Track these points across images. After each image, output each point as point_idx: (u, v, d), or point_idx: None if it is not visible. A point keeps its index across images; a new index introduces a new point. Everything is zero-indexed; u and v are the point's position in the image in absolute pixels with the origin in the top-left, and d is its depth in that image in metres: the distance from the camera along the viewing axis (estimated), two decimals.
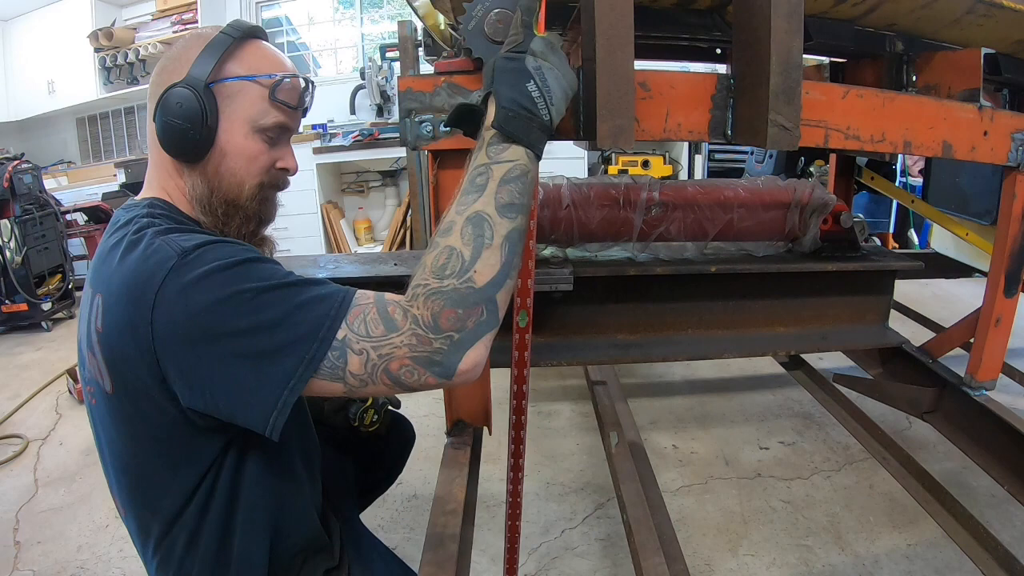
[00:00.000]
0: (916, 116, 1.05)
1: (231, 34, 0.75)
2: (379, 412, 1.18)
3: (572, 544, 1.62)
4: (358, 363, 0.62)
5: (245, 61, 0.75)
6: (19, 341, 3.41)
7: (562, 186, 1.60)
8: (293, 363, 0.62)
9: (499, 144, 0.67)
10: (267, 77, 0.75)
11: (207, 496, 0.75)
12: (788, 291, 1.65)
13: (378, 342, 0.62)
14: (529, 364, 0.93)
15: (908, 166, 3.70)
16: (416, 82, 0.94)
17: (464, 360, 0.62)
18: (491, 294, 0.63)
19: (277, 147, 0.79)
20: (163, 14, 4.45)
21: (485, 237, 0.63)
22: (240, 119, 0.75)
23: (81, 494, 1.91)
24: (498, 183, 0.65)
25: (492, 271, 0.63)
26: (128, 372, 0.67)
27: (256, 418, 0.63)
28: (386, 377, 0.62)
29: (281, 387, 0.62)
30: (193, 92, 0.71)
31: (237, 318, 0.62)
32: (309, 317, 0.62)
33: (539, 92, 0.68)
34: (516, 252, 0.65)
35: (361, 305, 0.64)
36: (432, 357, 0.62)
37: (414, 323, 0.61)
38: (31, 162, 3.59)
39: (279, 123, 0.77)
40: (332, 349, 0.62)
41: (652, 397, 2.41)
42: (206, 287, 0.62)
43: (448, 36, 1.49)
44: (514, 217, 0.65)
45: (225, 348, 0.62)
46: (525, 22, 0.71)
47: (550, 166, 3.64)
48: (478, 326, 0.62)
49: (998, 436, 1.31)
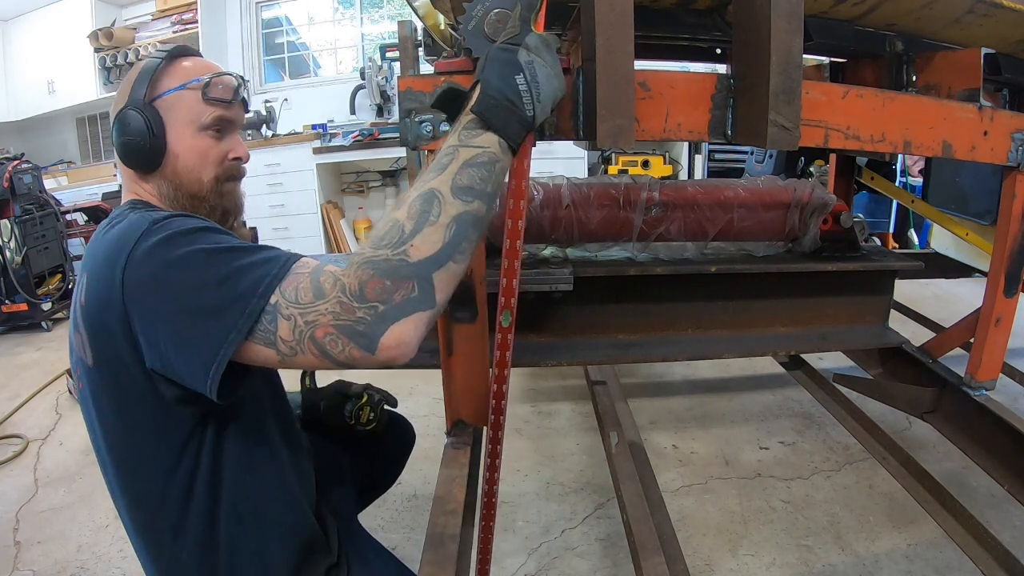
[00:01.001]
0: (916, 116, 1.05)
1: (159, 57, 0.84)
2: (375, 410, 1.18)
3: (572, 544, 1.62)
4: (287, 329, 0.62)
5: (176, 75, 0.83)
6: (19, 341, 3.41)
7: (562, 186, 1.60)
8: (232, 318, 0.63)
9: (474, 129, 0.68)
10: (196, 81, 0.83)
11: (190, 478, 0.77)
12: (788, 291, 1.65)
13: (305, 308, 0.62)
14: (511, 364, 0.93)
15: (908, 166, 3.70)
16: (416, 82, 0.94)
17: (387, 335, 0.60)
18: (425, 272, 0.61)
19: (225, 140, 0.86)
20: (163, 14, 4.45)
21: (431, 214, 0.63)
22: (183, 123, 0.82)
23: (81, 494, 1.91)
24: (461, 165, 0.65)
25: (431, 248, 0.62)
26: (106, 341, 0.71)
27: (197, 373, 0.65)
28: (313, 346, 0.62)
29: (220, 342, 0.63)
30: (136, 111, 0.81)
31: (189, 275, 0.65)
32: (251, 277, 0.64)
33: (527, 86, 0.68)
34: (465, 236, 0.64)
35: (298, 273, 0.64)
36: (355, 327, 0.60)
37: (341, 291, 0.61)
38: (31, 162, 3.59)
39: (218, 117, 0.84)
40: (265, 313, 0.63)
41: (652, 397, 2.41)
42: (167, 247, 0.67)
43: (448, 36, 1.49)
44: (469, 201, 0.64)
45: (176, 303, 0.65)
46: (524, 16, 0.71)
47: (550, 166, 3.66)
48: (406, 301, 0.61)
49: (998, 436, 1.31)
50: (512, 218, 0.84)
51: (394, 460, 1.33)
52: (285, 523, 0.87)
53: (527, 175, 0.82)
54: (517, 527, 1.68)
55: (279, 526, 0.86)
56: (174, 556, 0.79)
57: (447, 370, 1.24)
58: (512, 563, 1.55)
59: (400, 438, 1.33)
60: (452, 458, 1.21)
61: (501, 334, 0.90)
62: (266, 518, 0.84)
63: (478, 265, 1.17)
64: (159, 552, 0.80)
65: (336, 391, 1.20)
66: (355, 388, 1.20)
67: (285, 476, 0.88)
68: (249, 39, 4.70)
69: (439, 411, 1.47)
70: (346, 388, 1.20)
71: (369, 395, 1.19)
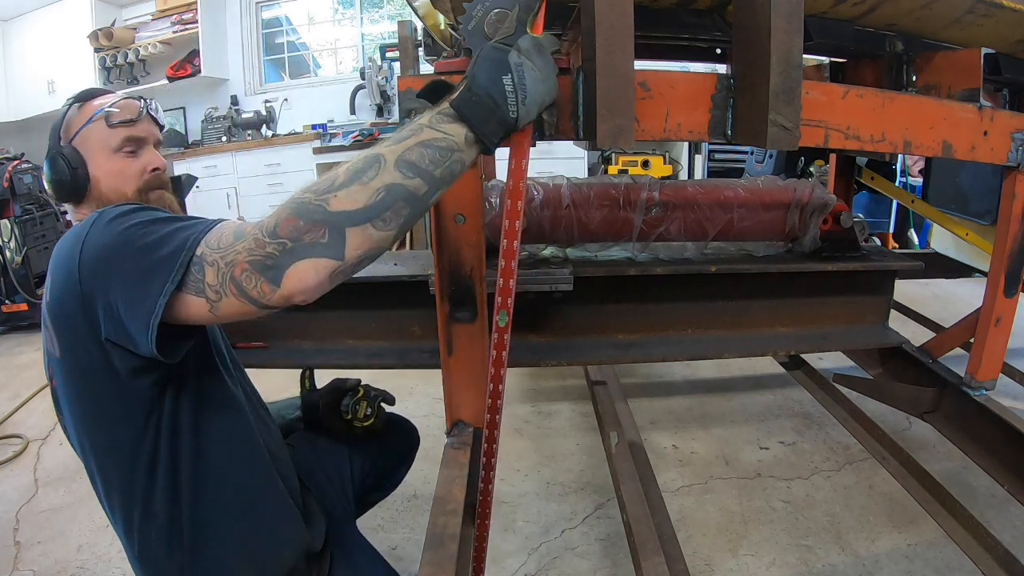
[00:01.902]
0: (916, 116, 1.05)
1: (68, 104, 0.93)
2: (372, 405, 1.19)
3: (572, 544, 1.61)
4: (212, 274, 0.66)
5: (84, 113, 0.92)
6: (19, 341, 3.41)
7: (562, 186, 1.60)
8: (166, 272, 0.67)
9: (446, 116, 0.69)
10: (99, 113, 0.91)
11: (151, 456, 0.81)
12: (788, 291, 1.65)
13: (226, 251, 0.66)
14: (507, 364, 0.93)
15: (908, 166, 3.70)
16: (416, 82, 0.94)
17: (291, 268, 0.63)
18: (340, 223, 0.63)
19: (140, 156, 0.92)
20: (163, 14, 4.46)
21: (366, 175, 0.64)
22: (97, 151, 0.90)
23: (81, 494, 1.91)
24: (418, 142, 0.67)
25: (352, 204, 0.63)
26: (68, 327, 0.76)
27: (140, 328, 0.68)
28: (232, 285, 0.65)
29: (156, 294, 0.67)
30: (57, 154, 0.90)
31: (131, 242, 0.71)
32: (183, 235, 0.69)
33: (513, 88, 0.69)
34: (392, 207, 0.65)
35: (223, 227, 0.69)
36: (264, 261, 0.63)
37: (259, 230, 0.64)
38: (31, 162, 3.58)
39: (126, 137, 0.90)
40: (193, 264, 0.67)
41: (652, 397, 2.40)
42: (112, 226, 0.73)
43: (448, 36, 1.50)
44: (410, 176, 0.65)
45: (122, 267, 0.70)
46: (520, 18, 0.72)
47: (550, 166, 3.66)
48: (314, 245, 0.63)
49: (998, 436, 1.31)
50: (509, 218, 0.84)
51: (398, 461, 1.33)
52: (253, 497, 0.90)
53: (525, 175, 0.82)
54: (517, 527, 1.68)
55: (245, 501, 0.89)
56: (144, 538, 0.83)
57: (447, 370, 1.24)
58: (512, 563, 1.55)
59: (404, 439, 1.34)
60: (452, 458, 1.20)
61: (497, 334, 0.90)
62: (229, 492, 0.87)
63: (478, 265, 1.17)
64: (130, 531, 0.84)
65: (333, 388, 1.20)
66: (351, 382, 1.21)
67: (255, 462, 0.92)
68: (249, 39, 4.71)
69: (439, 411, 1.47)
70: (342, 383, 1.21)
71: (366, 390, 1.20)
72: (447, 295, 1.17)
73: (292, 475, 1.00)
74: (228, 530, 0.87)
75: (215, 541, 0.86)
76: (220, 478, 0.86)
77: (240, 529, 0.88)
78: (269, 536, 0.90)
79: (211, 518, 0.85)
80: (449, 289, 1.16)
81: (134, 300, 0.69)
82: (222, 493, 0.86)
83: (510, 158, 0.81)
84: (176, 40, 4.45)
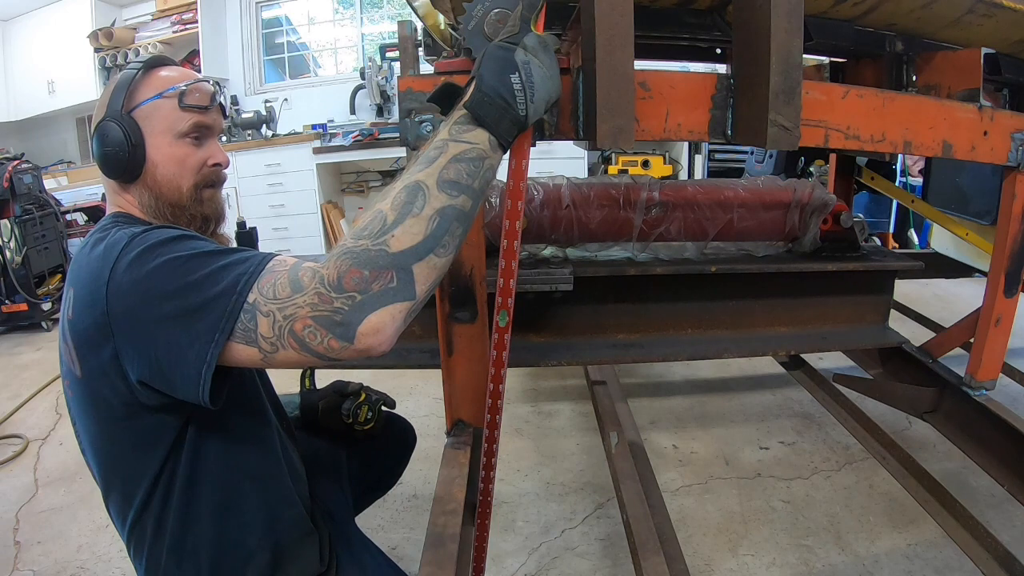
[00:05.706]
0: (916, 116, 1.05)
1: (136, 68, 0.84)
2: (373, 409, 1.19)
3: (572, 544, 1.61)
4: (267, 325, 0.62)
5: (152, 84, 0.83)
6: (19, 341, 3.41)
7: (562, 186, 1.60)
8: (215, 318, 0.63)
9: (465, 125, 0.68)
10: (172, 89, 0.83)
11: (169, 482, 0.78)
12: (788, 291, 1.65)
13: (284, 303, 0.62)
14: (507, 364, 0.93)
15: (908, 166, 3.70)
16: (416, 82, 0.94)
17: (365, 323, 0.60)
18: (405, 262, 0.61)
19: (204, 147, 0.86)
20: (163, 14, 4.45)
21: (415, 206, 0.63)
22: (161, 131, 0.82)
23: (81, 494, 1.91)
24: (449, 159, 0.65)
25: (412, 240, 0.62)
26: (91, 353, 0.71)
27: (190, 376, 0.65)
28: (292, 340, 0.62)
29: (208, 342, 0.63)
30: (114, 122, 0.80)
31: (169, 281, 0.66)
32: (229, 276, 0.64)
33: (521, 86, 0.69)
34: (448, 230, 0.63)
35: (276, 272, 0.64)
36: (332, 317, 0.60)
37: (319, 282, 0.61)
38: (31, 162, 3.59)
39: (195, 123, 0.83)
40: (244, 311, 0.63)
41: (652, 397, 2.41)
42: (147, 258, 0.68)
43: (448, 36, 1.49)
44: (455, 195, 0.64)
45: (161, 309, 0.65)
46: (524, 16, 0.72)
47: (550, 166, 3.66)
48: (384, 291, 0.60)
49: (998, 436, 1.31)
50: (509, 219, 0.84)
51: (395, 462, 1.33)
52: (272, 521, 0.87)
53: (525, 176, 0.82)
54: (517, 527, 1.68)
55: (263, 526, 0.86)
56: (151, 556, 0.81)
57: (447, 370, 1.24)
58: (512, 563, 1.55)
59: (401, 439, 1.33)
60: (452, 458, 1.20)
61: (497, 334, 0.90)
62: (249, 516, 0.85)
63: (478, 265, 1.17)
64: (139, 551, 0.82)
65: (334, 390, 1.20)
66: (353, 386, 1.21)
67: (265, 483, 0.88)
68: (249, 39, 4.70)
69: (439, 411, 1.47)
70: (344, 387, 1.21)
71: (367, 394, 1.20)
72: (447, 295, 1.17)
73: (306, 492, 0.98)
74: (248, 554, 0.84)
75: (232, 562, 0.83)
76: (239, 502, 0.83)
77: (261, 556, 0.85)
78: (290, 558, 0.88)
79: (230, 540, 0.83)
80: (449, 289, 1.17)
81: (178, 346, 0.65)
82: (240, 517, 0.83)
83: (510, 158, 0.81)
84: (176, 40, 4.44)
